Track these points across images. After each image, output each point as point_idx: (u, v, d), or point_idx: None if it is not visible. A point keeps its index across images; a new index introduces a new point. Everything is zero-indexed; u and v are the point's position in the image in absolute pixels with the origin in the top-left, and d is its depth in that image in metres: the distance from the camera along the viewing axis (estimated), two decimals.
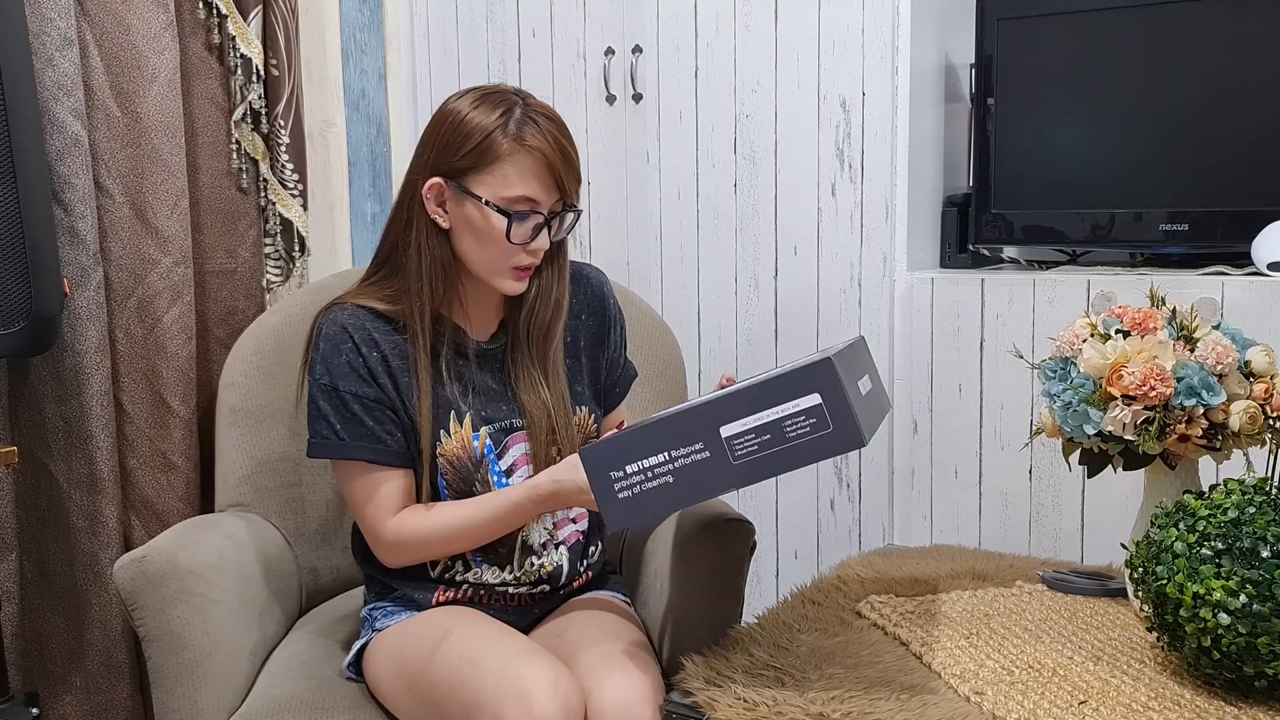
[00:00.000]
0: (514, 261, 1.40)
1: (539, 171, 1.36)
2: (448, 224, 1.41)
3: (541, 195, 1.37)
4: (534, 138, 1.36)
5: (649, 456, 1.14)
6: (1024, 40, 1.95)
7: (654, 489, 1.14)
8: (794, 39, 2.06)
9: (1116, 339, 1.29)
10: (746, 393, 1.11)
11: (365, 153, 2.44)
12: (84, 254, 1.71)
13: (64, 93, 1.67)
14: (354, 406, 1.40)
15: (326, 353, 1.41)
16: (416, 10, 2.51)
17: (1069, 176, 1.93)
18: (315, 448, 1.42)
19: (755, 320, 2.16)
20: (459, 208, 1.39)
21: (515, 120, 1.36)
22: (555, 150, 1.37)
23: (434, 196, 1.40)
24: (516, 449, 1.47)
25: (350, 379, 1.40)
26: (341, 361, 1.40)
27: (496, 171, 1.36)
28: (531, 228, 1.38)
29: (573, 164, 1.39)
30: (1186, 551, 1.13)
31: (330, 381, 1.40)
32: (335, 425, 1.40)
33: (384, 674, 1.40)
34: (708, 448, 1.12)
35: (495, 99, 1.39)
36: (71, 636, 1.81)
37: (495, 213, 1.36)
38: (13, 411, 1.76)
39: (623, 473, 1.15)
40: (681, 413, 1.14)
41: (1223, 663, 1.11)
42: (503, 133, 1.36)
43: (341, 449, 1.41)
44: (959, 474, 1.97)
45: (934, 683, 1.20)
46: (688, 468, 1.13)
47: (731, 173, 2.16)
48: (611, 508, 1.16)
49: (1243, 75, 1.77)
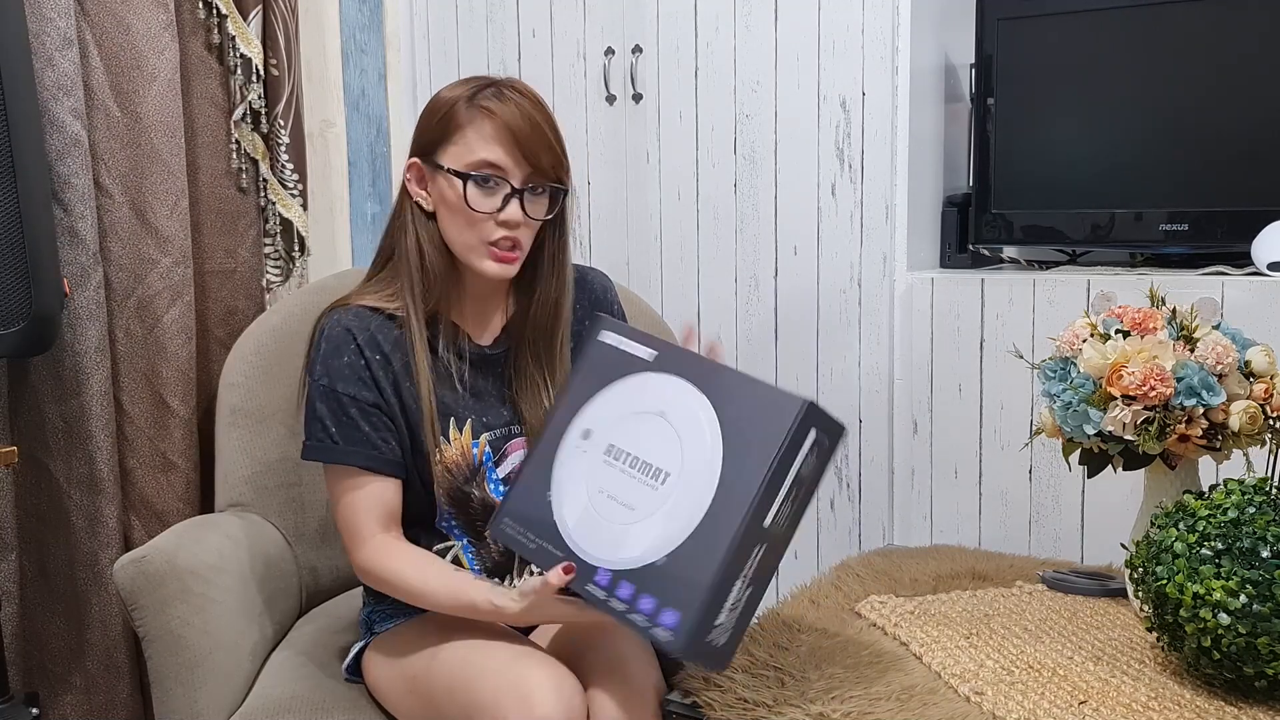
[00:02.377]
0: (485, 234, 1.35)
1: (500, 135, 1.33)
2: (430, 205, 1.39)
3: (505, 162, 1.34)
4: (494, 103, 1.34)
5: (728, 595, 1.09)
6: (1024, 40, 1.95)
7: (744, 608, 1.11)
8: (794, 39, 2.06)
9: (1116, 339, 1.29)
10: (770, 479, 1.08)
11: (365, 153, 2.44)
12: (84, 254, 1.71)
13: (64, 93, 1.67)
14: (351, 410, 1.37)
15: (327, 353, 1.38)
16: (416, 10, 2.51)
17: (1069, 176, 1.93)
18: (309, 450, 1.40)
19: (755, 320, 2.16)
20: (435, 186, 1.38)
21: (482, 92, 1.35)
22: (520, 117, 1.33)
23: (415, 177, 1.39)
24: (515, 456, 1.45)
25: (350, 382, 1.38)
26: (342, 363, 1.38)
27: (459, 140, 1.35)
28: (501, 197, 1.34)
29: (542, 135, 1.35)
30: (1186, 552, 1.13)
31: (329, 383, 1.38)
32: (330, 429, 1.37)
33: (384, 677, 1.40)
34: (763, 540, 1.10)
35: (471, 80, 1.38)
36: (71, 636, 1.81)
37: (455, 179, 1.34)
38: (13, 411, 1.76)
39: (719, 622, 1.09)
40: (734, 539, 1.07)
41: (1223, 663, 1.11)
42: (466, 103, 1.35)
43: (334, 453, 1.38)
44: (959, 474, 1.97)
45: (934, 683, 1.20)
46: (756, 571, 1.10)
47: (731, 173, 2.16)
48: (713, 656, 1.11)
49: (1243, 75, 1.77)
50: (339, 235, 2.35)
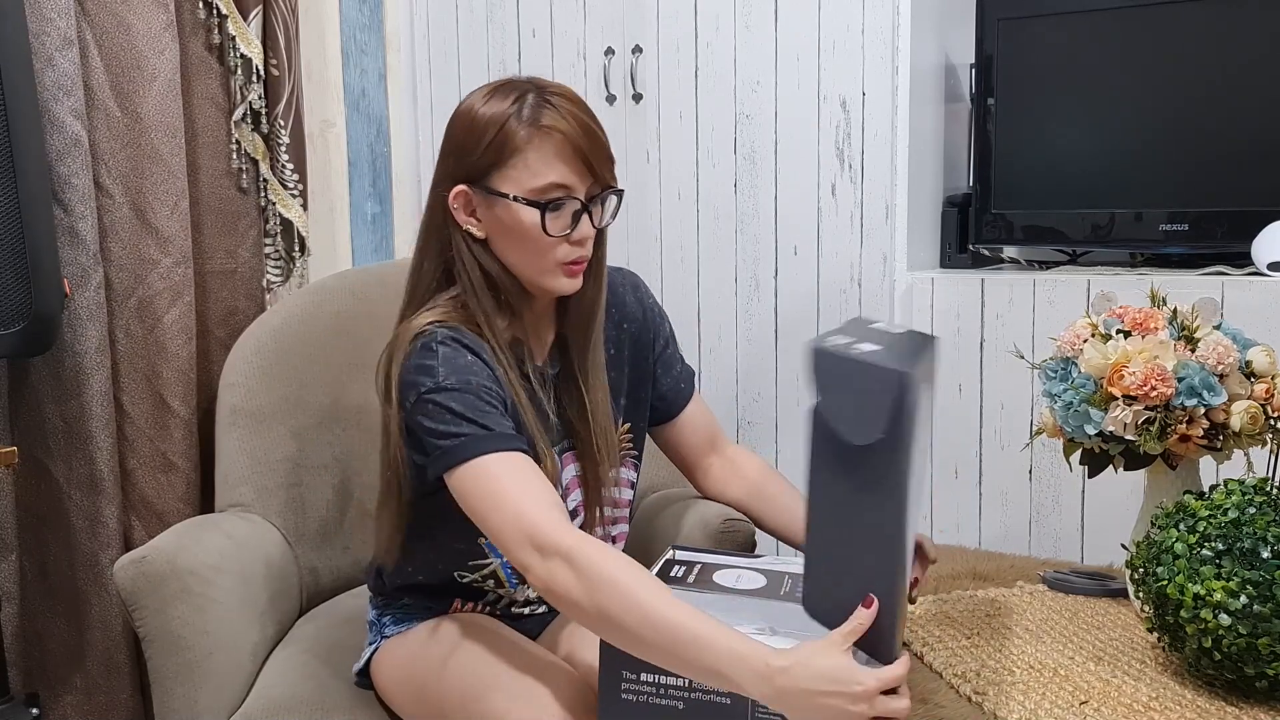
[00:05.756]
0: (561, 257, 1.27)
1: (564, 153, 1.24)
2: (483, 233, 1.29)
3: (572, 179, 1.25)
4: (552, 118, 1.24)
5: (667, 674, 1.05)
6: (1024, 40, 1.95)
7: (659, 706, 1.08)
8: (794, 39, 2.06)
9: (1117, 339, 1.29)
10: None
11: (365, 153, 2.44)
12: (84, 254, 1.71)
13: (64, 93, 1.67)
14: (493, 400, 1.23)
15: (446, 355, 1.24)
16: (416, 10, 2.51)
17: (1069, 176, 1.93)
18: (450, 452, 1.18)
19: (755, 320, 2.16)
20: (489, 211, 1.28)
21: (530, 105, 1.24)
22: (578, 129, 1.24)
23: (462, 205, 1.29)
24: (567, 471, 1.39)
25: (482, 377, 1.24)
26: (467, 362, 1.25)
27: (519, 164, 1.24)
28: (570, 216, 1.26)
29: (599, 142, 1.27)
30: (1187, 552, 1.13)
31: (459, 380, 1.22)
32: (477, 421, 1.20)
33: (394, 682, 1.38)
34: (732, 696, 1.04)
35: (506, 89, 1.27)
36: (71, 637, 1.81)
37: (526, 207, 1.24)
38: (13, 411, 1.76)
39: (636, 677, 1.08)
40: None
41: (1224, 663, 1.11)
42: (517, 120, 1.24)
43: (491, 441, 1.18)
44: (959, 474, 1.97)
45: (934, 683, 1.20)
46: (702, 704, 1.06)
47: (731, 173, 2.16)
48: (609, 705, 1.10)
49: (1243, 75, 1.77)
50: (339, 235, 2.35)
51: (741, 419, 2.19)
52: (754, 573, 1.24)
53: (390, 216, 2.52)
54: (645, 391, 1.49)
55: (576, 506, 1.39)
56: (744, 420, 2.19)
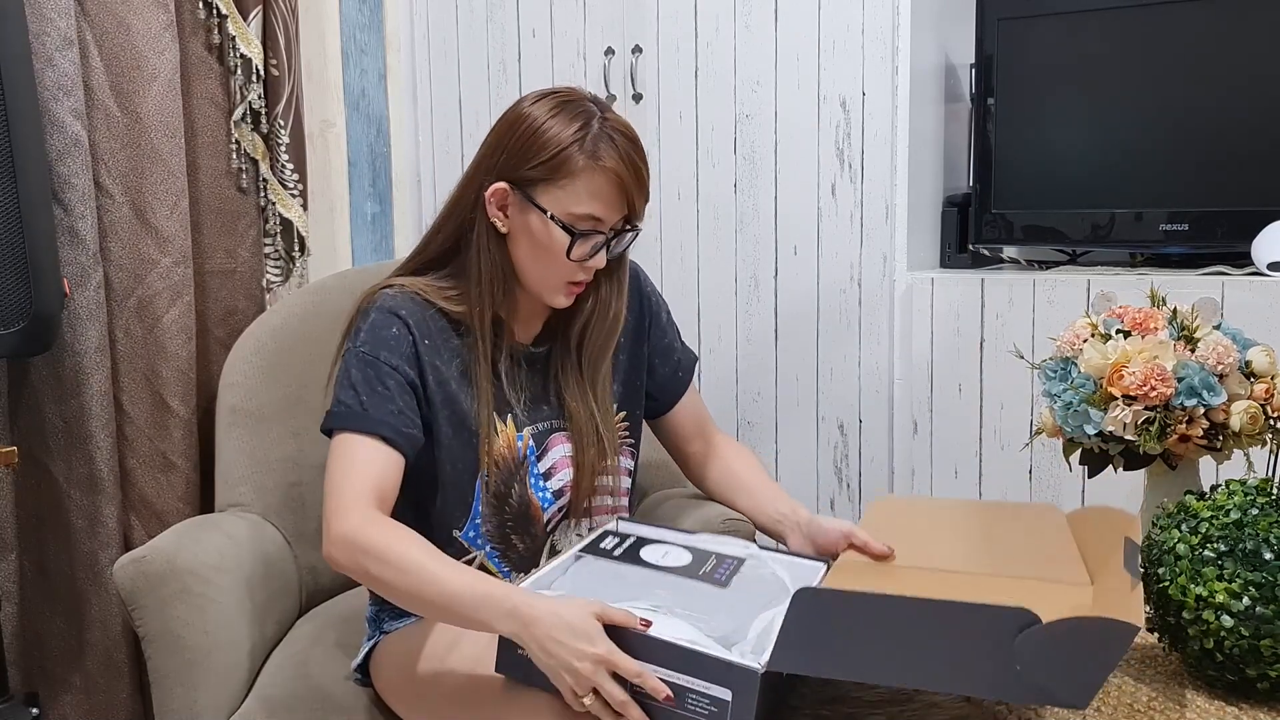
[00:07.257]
0: (568, 276, 1.35)
1: (610, 192, 1.30)
2: (506, 229, 1.35)
3: (607, 215, 1.32)
4: (610, 157, 1.30)
5: None
6: (1024, 40, 1.94)
7: None
8: (794, 39, 2.06)
9: (1117, 339, 1.29)
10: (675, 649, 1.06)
11: (365, 153, 2.43)
12: (84, 254, 1.71)
13: (64, 93, 1.67)
14: (389, 381, 1.31)
15: (376, 323, 1.33)
16: (416, 10, 2.51)
17: (1069, 176, 1.93)
18: (333, 417, 1.31)
19: (755, 320, 2.16)
20: (521, 215, 1.33)
21: (593, 136, 1.30)
22: (629, 170, 1.31)
23: (497, 201, 1.34)
24: (556, 451, 1.43)
25: (394, 354, 1.32)
26: (389, 334, 1.33)
27: (568, 187, 1.30)
28: (591, 246, 1.33)
29: (644, 183, 1.34)
30: (1189, 553, 1.13)
31: (371, 350, 1.32)
32: (362, 396, 1.30)
33: (393, 679, 1.38)
34: None
35: (573, 109, 1.32)
36: (71, 636, 1.81)
37: (559, 228, 1.31)
38: (13, 411, 1.76)
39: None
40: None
41: (1225, 665, 1.11)
42: (579, 148, 1.29)
43: (362, 420, 1.29)
44: (959, 474, 1.97)
45: None
46: None
47: (731, 173, 2.16)
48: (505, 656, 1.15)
49: (1242, 75, 1.77)
50: (339, 235, 2.35)
51: (741, 419, 2.19)
52: (681, 549, 1.31)
53: (390, 216, 2.52)
54: (640, 380, 1.52)
55: (564, 486, 1.43)
56: (744, 420, 2.19)
